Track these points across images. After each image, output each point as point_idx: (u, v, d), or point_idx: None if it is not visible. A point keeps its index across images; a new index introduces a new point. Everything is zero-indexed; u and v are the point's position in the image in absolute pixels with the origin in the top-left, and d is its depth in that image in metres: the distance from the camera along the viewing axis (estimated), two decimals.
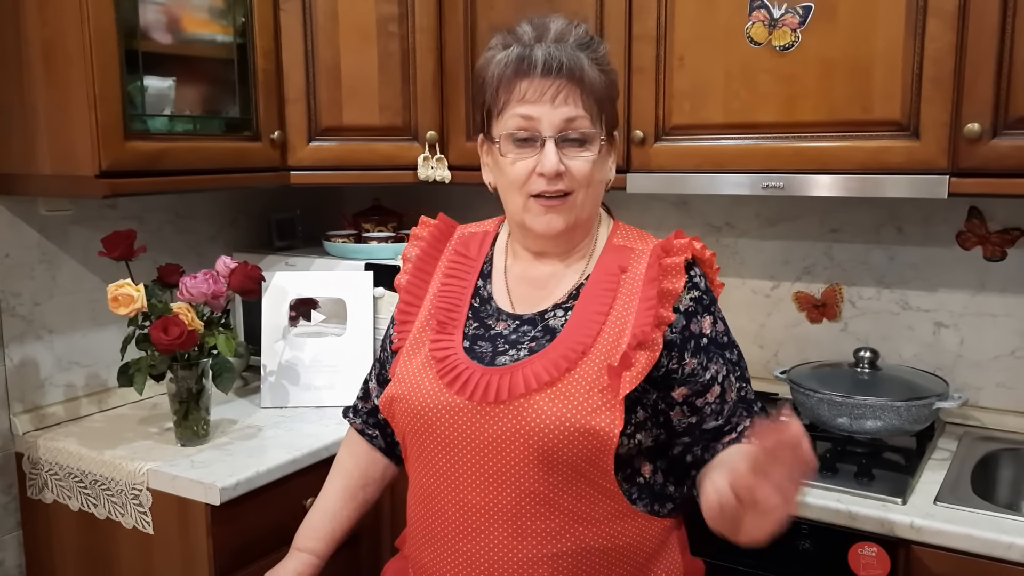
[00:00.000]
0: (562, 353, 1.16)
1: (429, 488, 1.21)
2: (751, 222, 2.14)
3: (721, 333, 1.25)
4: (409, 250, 1.37)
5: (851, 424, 1.73)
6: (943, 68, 1.57)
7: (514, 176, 1.20)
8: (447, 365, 1.20)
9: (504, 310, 1.26)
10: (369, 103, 2.08)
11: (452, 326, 1.25)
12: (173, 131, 1.83)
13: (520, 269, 1.29)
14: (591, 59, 1.19)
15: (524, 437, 1.13)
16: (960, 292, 1.94)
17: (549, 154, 1.17)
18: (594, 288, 1.22)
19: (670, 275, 1.19)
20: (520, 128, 1.18)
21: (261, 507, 1.69)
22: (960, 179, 1.58)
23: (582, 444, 1.12)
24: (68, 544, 1.83)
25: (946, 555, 1.44)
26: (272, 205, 2.46)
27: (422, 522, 1.24)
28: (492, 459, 1.15)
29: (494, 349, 1.21)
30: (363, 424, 1.44)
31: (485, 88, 1.22)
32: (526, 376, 1.15)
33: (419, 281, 1.33)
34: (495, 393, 1.15)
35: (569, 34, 1.20)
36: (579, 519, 1.16)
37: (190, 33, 1.87)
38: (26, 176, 1.75)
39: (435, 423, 1.19)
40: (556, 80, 1.16)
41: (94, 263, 1.98)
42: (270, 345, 2.08)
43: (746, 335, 2.18)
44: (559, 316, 1.22)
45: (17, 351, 1.89)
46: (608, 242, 1.27)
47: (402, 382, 1.24)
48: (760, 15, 1.71)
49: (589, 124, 1.18)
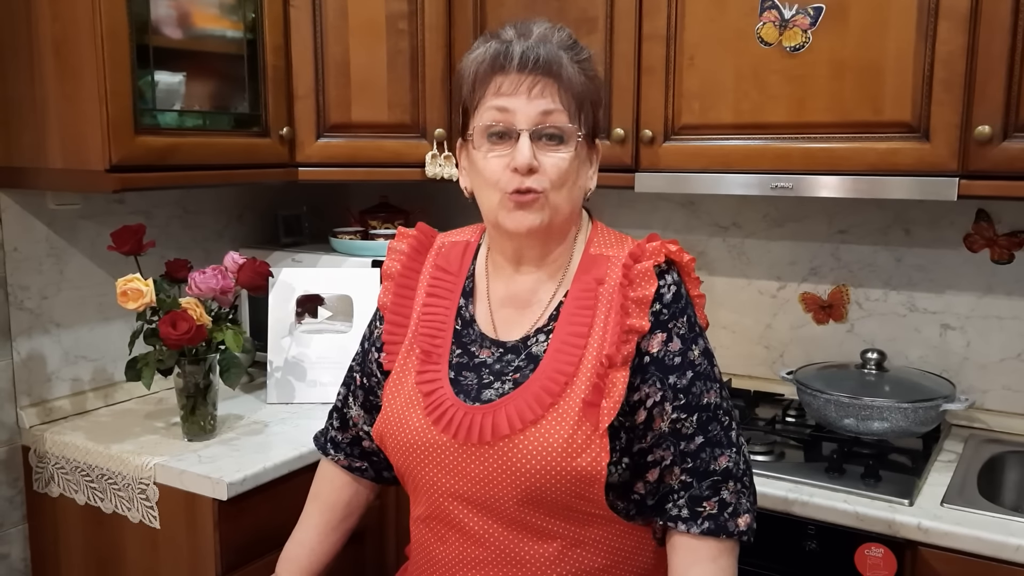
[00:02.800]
0: (543, 385, 1.13)
1: (428, 515, 1.21)
2: (758, 223, 2.15)
3: (673, 354, 1.15)
4: (389, 265, 1.31)
5: (858, 425, 1.73)
6: (954, 70, 1.57)
7: (487, 172, 1.15)
8: (434, 401, 1.18)
9: (487, 336, 1.22)
10: (378, 100, 2.08)
11: (437, 355, 1.22)
12: (183, 126, 1.83)
13: (502, 287, 1.24)
14: (572, 59, 1.15)
15: (511, 477, 1.12)
16: (967, 294, 1.94)
17: (522, 147, 1.12)
18: (572, 307, 1.18)
19: (637, 282, 1.15)
20: (495, 120, 1.14)
21: (267, 502, 1.69)
22: (970, 181, 1.58)
23: (569, 484, 1.10)
24: (74, 538, 1.83)
25: (953, 557, 1.44)
26: (279, 201, 2.46)
27: (425, 547, 1.23)
28: (483, 494, 1.14)
29: (479, 381, 1.19)
30: (348, 458, 1.39)
31: (463, 86, 1.19)
32: (510, 415, 1.12)
33: (403, 300, 1.28)
34: (478, 434, 1.13)
35: (552, 36, 1.16)
36: (577, 543, 1.15)
37: (200, 28, 1.87)
38: (36, 170, 1.75)
39: (426, 459, 1.18)
40: (532, 73, 1.12)
41: (102, 257, 1.99)
42: (276, 341, 2.09)
43: (752, 335, 2.18)
44: (541, 342, 1.18)
45: (25, 345, 1.89)
46: (585, 252, 1.22)
47: (390, 418, 1.22)
48: (771, 16, 1.71)
49: (566, 119, 1.14)
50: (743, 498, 1.16)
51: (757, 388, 2.13)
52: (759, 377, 2.17)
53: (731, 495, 1.14)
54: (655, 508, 1.17)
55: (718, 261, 2.20)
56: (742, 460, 1.17)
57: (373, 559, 1.91)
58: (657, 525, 1.18)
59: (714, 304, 2.18)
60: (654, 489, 1.16)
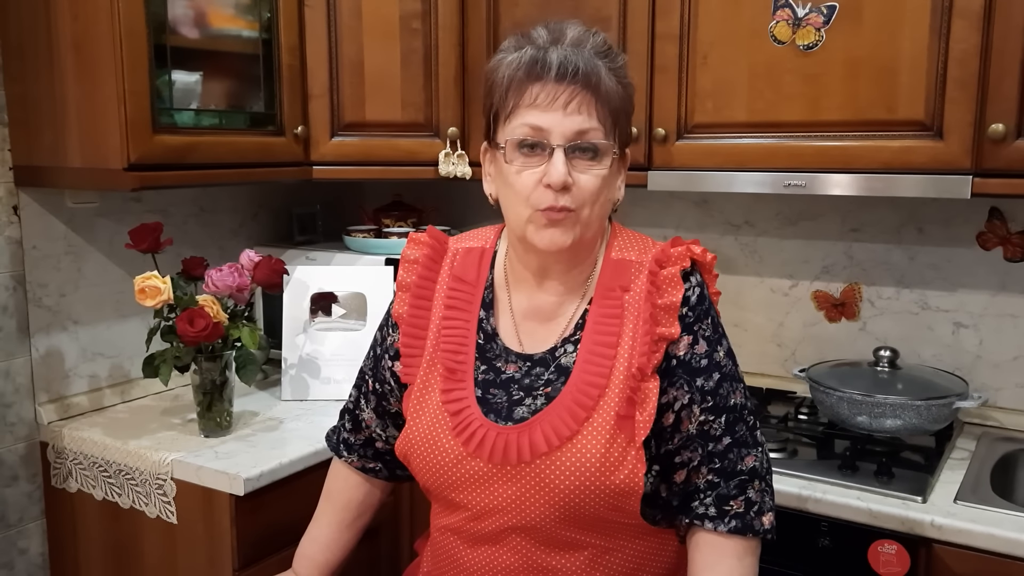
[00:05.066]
0: (576, 399, 1.12)
1: (458, 526, 1.19)
2: (771, 221, 2.15)
3: (700, 356, 1.14)
4: (405, 276, 1.27)
5: (871, 423, 1.73)
6: (968, 69, 1.57)
7: (519, 187, 1.11)
8: (462, 421, 1.15)
9: (512, 350, 1.20)
10: (392, 99, 2.09)
11: (461, 372, 1.19)
12: (200, 125, 1.85)
13: (524, 299, 1.21)
14: (609, 68, 1.11)
15: (546, 495, 1.10)
16: (980, 293, 1.94)
17: (557, 163, 1.08)
18: (598, 316, 1.16)
19: (664, 289, 1.13)
20: (528, 136, 1.10)
21: (283, 498, 1.70)
22: (983, 180, 1.59)
23: (606, 499, 1.10)
24: (92, 533, 1.85)
25: (967, 554, 1.44)
26: (293, 200, 2.48)
27: (450, 552, 1.22)
28: (516, 512, 1.13)
29: (509, 398, 1.16)
30: (361, 459, 1.38)
31: (494, 91, 1.14)
32: (546, 432, 1.10)
33: (420, 312, 1.25)
34: (516, 455, 1.11)
35: (587, 40, 1.12)
36: (606, 551, 1.15)
37: (217, 28, 1.89)
38: (55, 169, 1.77)
39: (457, 481, 1.16)
40: (571, 86, 1.08)
41: (119, 255, 2.00)
42: (291, 338, 2.10)
43: (764, 333, 2.19)
44: (570, 352, 1.16)
45: (43, 342, 1.91)
46: (606, 257, 1.19)
47: (416, 439, 1.19)
48: (784, 14, 1.71)
49: (602, 136, 1.10)
50: (766, 497, 1.16)
51: (769, 386, 2.13)
52: (771, 375, 2.17)
53: (756, 494, 1.15)
54: (680, 507, 1.17)
55: (731, 259, 2.21)
56: (765, 459, 1.17)
57: (387, 554, 1.93)
58: (682, 523, 1.18)
59: (727, 302, 2.18)
60: (680, 490, 1.16)
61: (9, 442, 1.87)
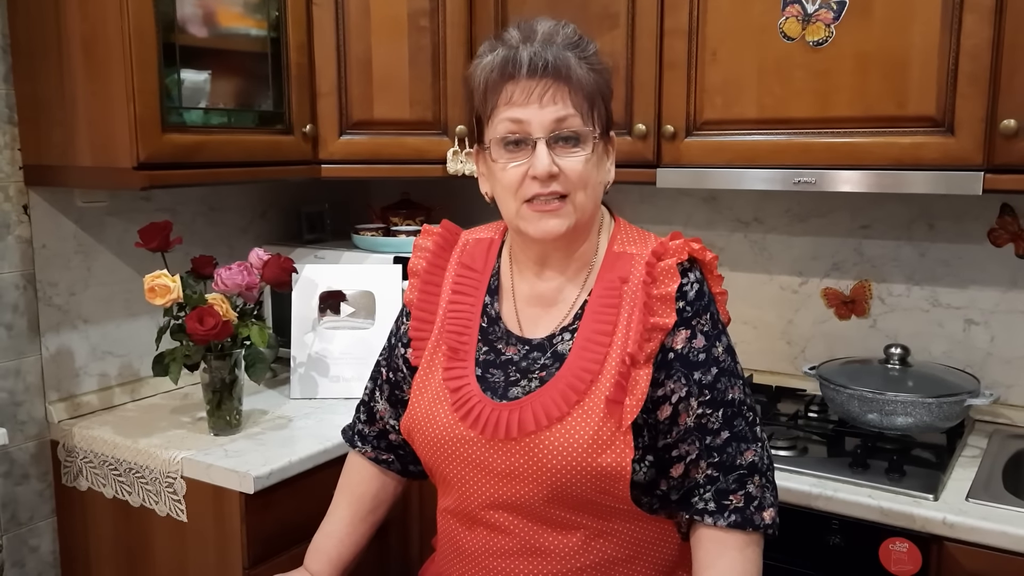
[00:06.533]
0: (569, 383, 1.15)
1: (455, 507, 1.23)
2: (780, 218, 2.14)
3: (698, 350, 1.16)
4: (415, 262, 1.33)
5: (881, 420, 1.72)
6: (979, 64, 1.56)
7: (507, 182, 1.17)
8: (461, 397, 1.20)
9: (513, 333, 1.24)
10: (400, 97, 2.09)
11: (464, 352, 1.24)
12: (208, 124, 1.85)
13: (527, 287, 1.26)
14: (579, 57, 1.16)
15: (536, 473, 1.14)
16: (991, 289, 1.93)
17: (541, 155, 1.13)
18: (596, 306, 1.19)
19: (660, 279, 1.16)
20: (510, 131, 1.15)
21: (293, 496, 1.71)
22: (995, 176, 1.57)
23: (594, 481, 1.12)
24: (102, 531, 1.86)
25: (979, 551, 1.43)
26: (301, 198, 2.48)
27: (451, 537, 1.26)
28: (508, 489, 1.16)
29: (506, 378, 1.21)
30: (375, 451, 1.41)
31: (474, 95, 1.20)
32: (536, 412, 1.14)
33: (429, 296, 1.30)
34: (505, 430, 1.15)
35: (557, 34, 1.17)
36: (600, 533, 1.17)
37: (225, 27, 1.89)
38: (65, 168, 1.77)
39: (452, 453, 1.20)
40: (543, 79, 1.13)
41: (128, 254, 2.01)
42: (300, 337, 2.10)
43: (773, 331, 2.18)
44: (567, 340, 1.20)
45: (53, 340, 1.92)
46: (608, 250, 1.23)
47: (418, 414, 1.24)
48: (794, 10, 1.70)
49: (580, 122, 1.15)
50: (767, 492, 1.17)
51: (779, 384, 2.12)
52: (781, 372, 2.17)
53: (756, 488, 1.15)
54: (680, 503, 1.18)
55: (740, 256, 2.20)
56: (766, 455, 1.18)
57: (397, 551, 1.93)
58: (683, 519, 1.20)
59: (736, 300, 2.18)
60: (679, 484, 1.18)
61: (20, 441, 1.87)
